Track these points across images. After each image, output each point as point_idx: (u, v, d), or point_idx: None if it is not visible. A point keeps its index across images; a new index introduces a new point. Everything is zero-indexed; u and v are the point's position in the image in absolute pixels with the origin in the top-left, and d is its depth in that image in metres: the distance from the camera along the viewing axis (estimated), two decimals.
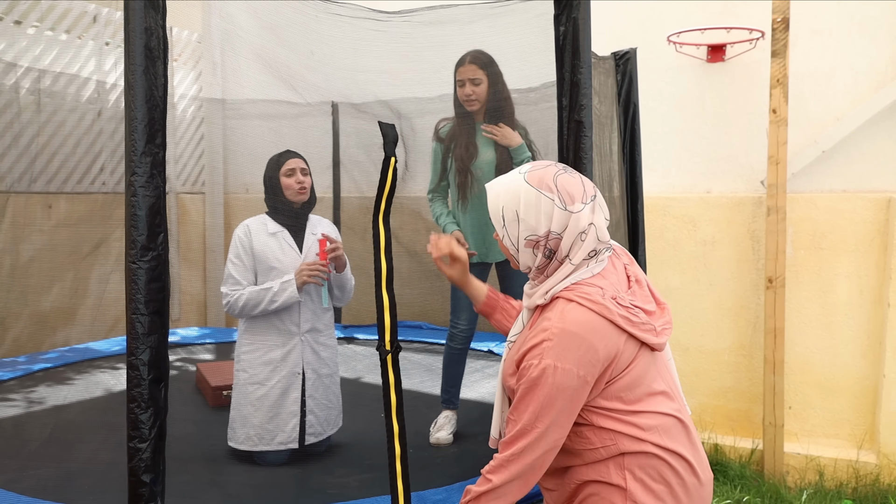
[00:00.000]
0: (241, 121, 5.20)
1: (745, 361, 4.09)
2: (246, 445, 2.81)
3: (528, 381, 1.46)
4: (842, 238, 3.82)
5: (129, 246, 1.58)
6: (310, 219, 3.00)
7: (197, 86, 5.55)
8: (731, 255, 4.10)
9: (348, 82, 4.61)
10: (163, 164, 1.62)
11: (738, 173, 4.14)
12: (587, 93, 2.03)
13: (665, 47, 4.13)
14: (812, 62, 3.92)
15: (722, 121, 4.17)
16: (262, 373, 2.82)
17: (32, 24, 4.45)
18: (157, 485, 1.63)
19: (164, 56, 1.60)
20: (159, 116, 1.60)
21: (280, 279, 2.78)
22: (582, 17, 2.03)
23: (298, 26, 4.11)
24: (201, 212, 5.51)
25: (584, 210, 1.52)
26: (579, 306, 1.48)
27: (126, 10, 1.54)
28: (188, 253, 5.38)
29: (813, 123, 3.93)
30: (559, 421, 1.46)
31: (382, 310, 1.78)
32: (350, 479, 2.53)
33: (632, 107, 3.25)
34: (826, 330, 3.88)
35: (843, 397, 3.87)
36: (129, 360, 1.60)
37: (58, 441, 3.01)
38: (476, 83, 2.97)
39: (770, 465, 3.80)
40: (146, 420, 1.60)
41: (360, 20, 3.03)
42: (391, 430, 1.76)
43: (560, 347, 1.45)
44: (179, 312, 5.30)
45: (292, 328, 2.86)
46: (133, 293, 1.59)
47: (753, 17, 3.97)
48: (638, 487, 1.49)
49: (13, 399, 3.54)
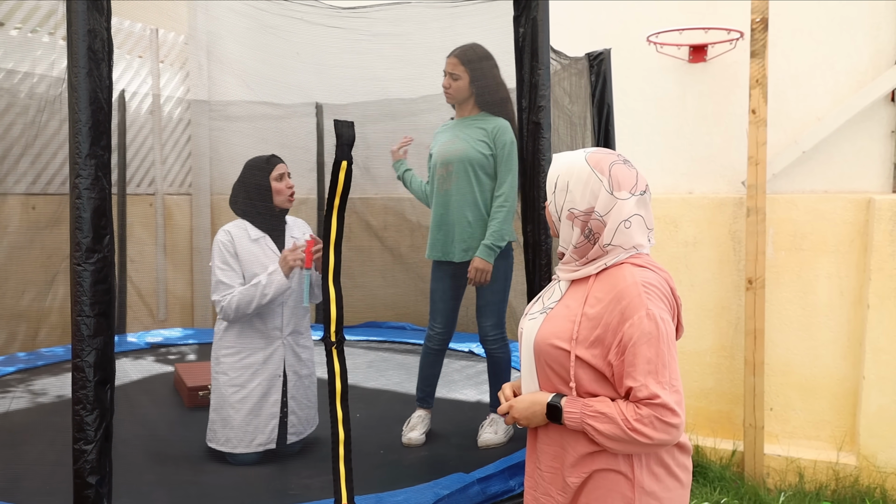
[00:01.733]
0: (226, 122, 5.22)
1: (726, 363, 4.08)
2: (226, 447, 2.82)
3: (643, 334, 1.48)
4: (822, 239, 3.81)
5: (73, 248, 1.59)
6: (286, 221, 3.00)
7: (184, 87, 5.56)
8: (713, 255, 4.08)
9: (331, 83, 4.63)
10: (108, 167, 1.62)
11: (719, 174, 4.13)
12: (545, 94, 2.03)
13: (647, 48, 4.12)
14: (793, 62, 3.90)
15: (704, 121, 4.16)
16: (242, 376, 2.81)
17: (15, 27, 4.45)
18: (103, 486, 1.63)
19: (108, 58, 1.60)
20: (104, 119, 1.60)
21: (265, 272, 2.77)
22: (541, 17, 2.03)
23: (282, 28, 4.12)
24: (188, 213, 5.52)
25: (630, 200, 1.58)
26: (649, 270, 1.56)
27: (69, 11, 1.54)
28: (174, 254, 5.39)
29: (794, 123, 3.92)
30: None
31: (329, 302, 1.80)
32: (314, 480, 2.53)
33: (606, 107, 3.24)
34: (807, 331, 3.87)
35: (823, 399, 3.85)
36: (75, 361, 1.60)
37: (3, 443, 3.01)
38: (454, 77, 2.98)
39: (750, 467, 3.79)
40: (91, 422, 1.60)
41: (319, 17, 3.04)
42: (335, 417, 1.82)
43: (652, 298, 1.51)
44: (166, 313, 5.30)
45: (275, 332, 2.86)
46: (78, 295, 1.59)
47: (734, 17, 3.96)
48: (644, 473, 1.54)
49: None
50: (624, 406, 1.50)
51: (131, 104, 5.17)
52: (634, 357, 1.48)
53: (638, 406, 1.48)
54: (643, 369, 1.47)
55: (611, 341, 1.52)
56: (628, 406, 1.49)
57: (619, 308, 1.51)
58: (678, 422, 1.47)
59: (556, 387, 1.61)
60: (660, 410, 1.46)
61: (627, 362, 1.49)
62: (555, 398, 1.58)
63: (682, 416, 1.48)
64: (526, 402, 1.63)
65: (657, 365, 1.47)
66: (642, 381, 1.47)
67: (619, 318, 1.51)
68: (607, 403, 1.52)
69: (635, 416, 1.47)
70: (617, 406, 1.51)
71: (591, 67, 3.23)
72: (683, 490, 1.62)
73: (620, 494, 1.54)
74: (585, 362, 1.55)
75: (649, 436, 1.46)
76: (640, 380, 1.48)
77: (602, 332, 1.53)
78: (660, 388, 1.46)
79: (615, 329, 1.51)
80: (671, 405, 1.46)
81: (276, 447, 2.84)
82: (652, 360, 1.47)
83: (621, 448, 1.52)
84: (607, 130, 3.25)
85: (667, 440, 1.48)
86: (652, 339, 1.47)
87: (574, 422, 1.54)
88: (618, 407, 1.50)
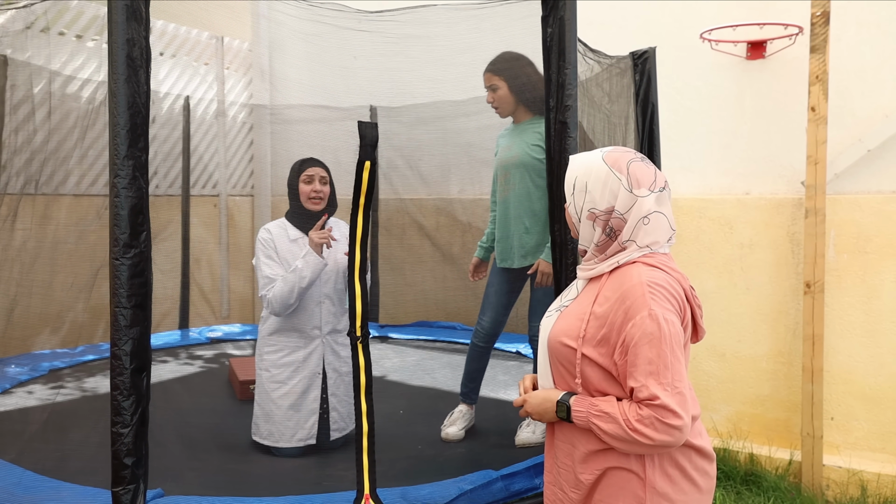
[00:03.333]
0: (286, 125, 5.39)
1: (783, 369, 3.93)
2: (268, 441, 2.92)
3: (644, 335, 1.47)
4: (888, 241, 3.62)
5: (112, 243, 1.69)
6: (329, 224, 3.05)
7: (247, 93, 5.77)
8: (770, 258, 3.95)
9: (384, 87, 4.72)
10: (145, 167, 1.72)
11: (778, 174, 3.98)
12: (572, 93, 2.03)
13: (702, 45, 4.02)
14: (858, 56, 3.73)
15: (762, 120, 4.02)
16: (283, 373, 2.91)
17: (59, 30, 4.68)
18: (139, 468, 1.73)
19: (146, 65, 1.70)
20: (141, 122, 1.70)
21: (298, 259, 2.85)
22: (568, 17, 2.03)
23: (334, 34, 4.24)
24: (249, 214, 5.73)
25: (650, 197, 1.58)
26: (659, 270, 1.55)
27: (109, 21, 1.65)
28: (236, 254, 5.60)
29: (858, 121, 3.74)
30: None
31: (354, 298, 1.86)
32: (349, 472, 2.59)
33: (650, 106, 3.19)
34: (871, 338, 3.69)
35: (889, 409, 3.66)
36: (113, 350, 1.71)
37: (54, 427, 3.22)
38: (493, 89, 3.03)
39: (808, 478, 3.64)
40: (128, 407, 1.71)
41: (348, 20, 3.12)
42: (359, 410, 1.87)
43: (657, 298, 1.49)
44: (228, 310, 5.52)
45: (314, 331, 2.95)
46: (116, 288, 1.69)
47: (794, 11, 3.81)
48: (656, 473, 1.53)
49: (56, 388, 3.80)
50: (627, 406, 1.50)
51: (197, 109, 5.41)
52: (636, 357, 1.48)
53: (639, 407, 1.47)
54: (644, 370, 1.47)
55: (615, 340, 1.52)
56: (631, 406, 1.49)
57: (623, 307, 1.51)
58: (680, 423, 1.45)
59: (568, 384, 1.62)
60: (660, 412, 1.45)
61: (629, 362, 1.49)
62: (564, 396, 1.59)
63: (686, 418, 1.46)
64: (539, 399, 1.64)
65: (658, 366, 1.46)
66: (643, 381, 1.47)
67: (623, 317, 1.51)
68: (612, 403, 1.52)
69: (636, 416, 1.47)
70: (621, 406, 1.50)
71: (636, 66, 3.18)
72: (701, 495, 1.59)
73: (632, 493, 1.54)
74: (593, 361, 1.56)
75: (650, 436, 1.45)
76: (640, 380, 1.47)
77: (608, 332, 1.53)
78: (660, 390, 1.45)
79: (619, 328, 1.51)
80: (671, 406, 1.45)
81: (318, 442, 2.92)
82: (653, 361, 1.46)
83: (626, 448, 1.51)
84: (651, 130, 3.19)
85: (669, 441, 1.46)
86: (654, 339, 1.46)
87: (581, 420, 1.55)
88: (621, 407, 1.50)
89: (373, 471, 1.87)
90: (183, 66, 5.31)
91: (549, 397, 1.62)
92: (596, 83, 3.11)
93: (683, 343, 1.56)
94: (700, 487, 1.59)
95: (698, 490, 1.58)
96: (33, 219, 3.95)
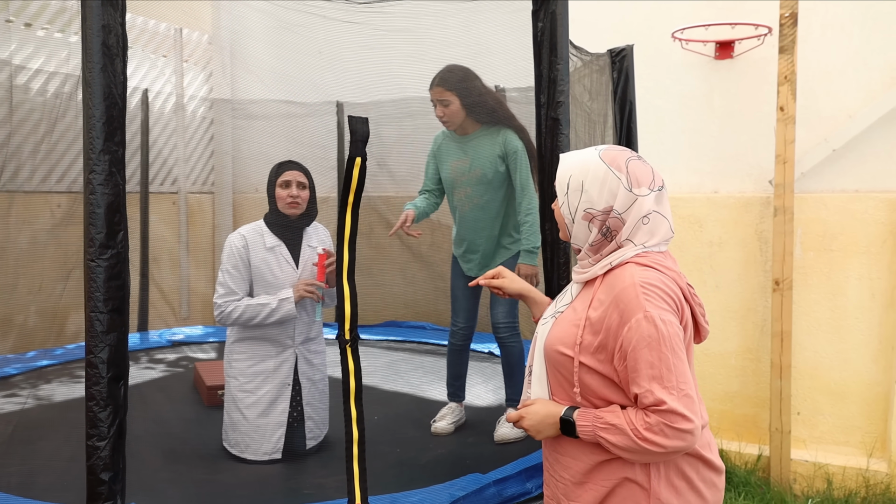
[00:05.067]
0: (248, 121, 5.24)
1: (752, 365, 3.99)
2: (235, 450, 2.83)
3: (642, 338, 1.41)
4: (853, 239, 3.71)
5: (87, 244, 1.58)
6: (307, 230, 2.95)
7: (207, 87, 5.60)
8: (739, 256, 4.00)
9: (354, 81, 4.62)
10: (122, 162, 1.61)
11: (746, 173, 4.04)
12: (564, 89, 1.99)
13: (672, 44, 4.05)
14: (823, 58, 3.80)
15: (730, 119, 4.07)
16: (252, 382, 2.81)
17: (43, 27, 4.50)
18: (116, 483, 1.63)
19: (122, 53, 1.59)
20: (118, 114, 1.59)
21: (277, 296, 2.76)
22: (560, 12, 1.99)
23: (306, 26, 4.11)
24: (210, 212, 5.56)
25: (650, 196, 1.53)
26: (653, 269, 1.48)
27: (83, 6, 1.54)
28: (197, 252, 5.43)
29: (824, 121, 3.81)
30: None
31: (343, 300, 1.78)
32: (329, 480, 2.52)
33: (628, 104, 3.19)
34: (836, 334, 3.77)
35: (853, 403, 3.75)
36: (88, 358, 1.60)
37: (20, 440, 3.03)
38: (445, 104, 2.99)
39: (776, 472, 3.70)
40: (105, 418, 1.60)
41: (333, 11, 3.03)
42: (349, 416, 1.80)
43: (652, 299, 1.43)
44: (188, 311, 5.34)
45: (286, 341, 2.85)
46: (92, 291, 1.58)
47: (761, 12, 3.87)
48: (661, 484, 1.49)
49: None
50: (633, 415, 1.43)
51: (155, 103, 5.21)
52: (636, 362, 1.41)
53: (646, 414, 1.41)
54: (646, 374, 1.40)
55: (613, 346, 1.46)
56: (637, 414, 1.43)
57: (617, 311, 1.45)
58: (691, 427, 1.39)
59: (566, 392, 1.56)
60: (668, 416, 1.38)
61: (630, 368, 1.43)
62: (567, 412, 1.52)
63: (696, 421, 1.40)
64: (539, 415, 1.56)
65: (660, 369, 1.39)
66: (647, 386, 1.40)
67: (618, 321, 1.45)
68: (617, 414, 1.46)
69: (644, 424, 1.40)
70: (626, 415, 1.44)
71: (614, 64, 3.18)
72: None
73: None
74: (592, 369, 1.50)
75: (661, 444, 1.39)
76: (644, 386, 1.41)
77: (604, 337, 1.47)
78: (665, 394, 1.39)
79: (615, 333, 1.45)
80: (680, 410, 1.38)
81: (293, 450, 2.83)
82: (654, 365, 1.40)
83: (638, 458, 1.46)
84: (629, 128, 3.19)
85: (681, 447, 1.41)
86: (652, 342, 1.40)
87: (588, 435, 1.49)
88: (627, 416, 1.44)
89: (364, 479, 1.80)
90: (140, 57, 5.11)
91: (551, 413, 1.54)
92: (577, 79, 3.09)
93: (685, 343, 1.52)
94: (706, 499, 1.54)
95: (704, 502, 1.54)
96: None
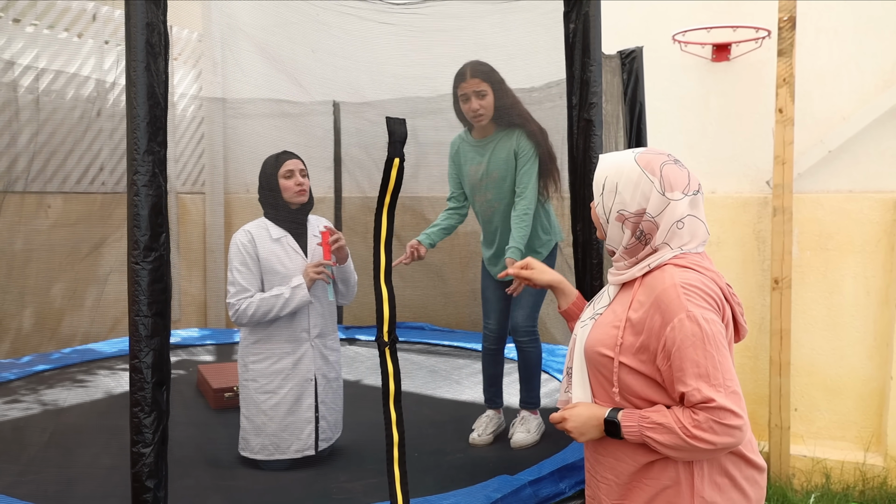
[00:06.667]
0: (241, 120, 5.17)
1: (750, 363, 4.06)
2: (261, 455, 2.75)
3: (686, 337, 1.42)
4: (848, 239, 3.79)
5: (131, 246, 1.55)
6: (309, 220, 2.95)
7: (197, 85, 5.51)
8: (736, 255, 4.06)
9: (351, 79, 4.58)
10: (164, 163, 1.58)
11: (743, 173, 4.10)
12: (597, 90, 2.00)
13: (670, 46, 4.10)
14: (818, 61, 3.88)
15: (727, 120, 4.14)
16: (273, 382, 2.75)
17: (31, 23, 4.41)
18: (160, 490, 1.59)
19: (165, 52, 1.56)
20: (161, 114, 1.56)
21: (289, 284, 2.73)
22: (592, 13, 2.00)
23: (301, 24, 4.06)
24: (201, 211, 5.47)
25: (683, 200, 1.54)
26: (692, 270, 1.50)
27: (127, 5, 1.50)
28: (188, 253, 5.34)
29: (819, 123, 3.90)
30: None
31: (381, 302, 1.77)
32: (355, 484, 2.48)
33: (638, 106, 3.22)
34: (832, 331, 3.85)
35: (849, 399, 3.83)
36: (132, 363, 1.56)
37: (58, 445, 2.96)
38: (481, 96, 2.83)
39: (776, 468, 3.77)
40: (149, 424, 1.57)
41: (366, 12, 2.98)
42: (389, 419, 1.78)
43: (693, 299, 1.45)
44: (180, 313, 5.25)
45: (302, 334, 2.81)
46: (136, 294, 1.55)
47: (758, 15, 3.94)
48: (705, 483, 1.50)
49: (13, 402, 3.49)
50: (680, 413, 1.45)
51: None
52: (682, 362, 1.43)
53: (694, 412, 1.43)
54: (692, 373, 1.42)
55: (655, 347, 1.48)
56: (685, 413, 1.44)
57: (659, 312, 1.47)
58: (739, 423, 1.42)
59: (608, 393, 1.57)
60: (717, 413, 1.41)
61: (675, 367, 1.44)
62: (611, 413, 1.54)
63: (744, 416, 1.43)
64: (583, 417, 1.58)
65: (707, 367, 1.42)
66: (694, 385, 1.42)
67: (660, 322, 1.47)
68: (664, 413, 1.47)
69: (692, 422, 1.42)
70: (673, 414, 1.46)
71: (624, 65, 3.20)
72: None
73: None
74: (633, 369, 1.52)
75: (711, 441, 1.41)
76: (691, 384, 1.42)
77: (646, 338, 1.49)
78: (713, 392, 1.41)
79: (657, 334, 1.47)
80: (729, 406, 1.41)
81: (315, 453, 2.79)
82: (700, 363, 1.42)
83: (685, 456, 1.47)
84: (639, 129, 3.22)
85: (731, 443, 1.43)
86: (696, 340, 1.42)
87: (633, 436, 1.50)
88: (674, 415, 1.46)
89: (405, 482, 1.79)
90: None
91: (595, 415, 1.56)
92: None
93: (727, 342, 1.54)
94: (749, 497, 1.56)
95: (747, 500, 1.56)
96: None
